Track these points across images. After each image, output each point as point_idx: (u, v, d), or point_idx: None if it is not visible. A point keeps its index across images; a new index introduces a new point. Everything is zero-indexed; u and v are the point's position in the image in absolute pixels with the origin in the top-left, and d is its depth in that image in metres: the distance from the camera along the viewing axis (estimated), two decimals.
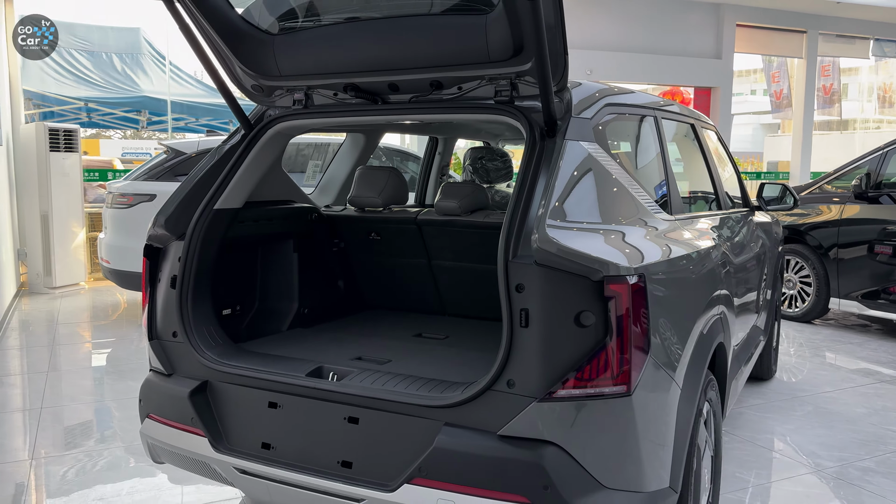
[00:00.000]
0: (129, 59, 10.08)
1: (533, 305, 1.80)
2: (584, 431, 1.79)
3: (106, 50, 10.05)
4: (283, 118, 2.46)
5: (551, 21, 1.86)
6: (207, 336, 2.33)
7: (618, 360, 1.79)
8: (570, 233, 1.82)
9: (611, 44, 10.97)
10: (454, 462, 1.83)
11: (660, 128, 2.67)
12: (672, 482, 1.99)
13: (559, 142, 1.98)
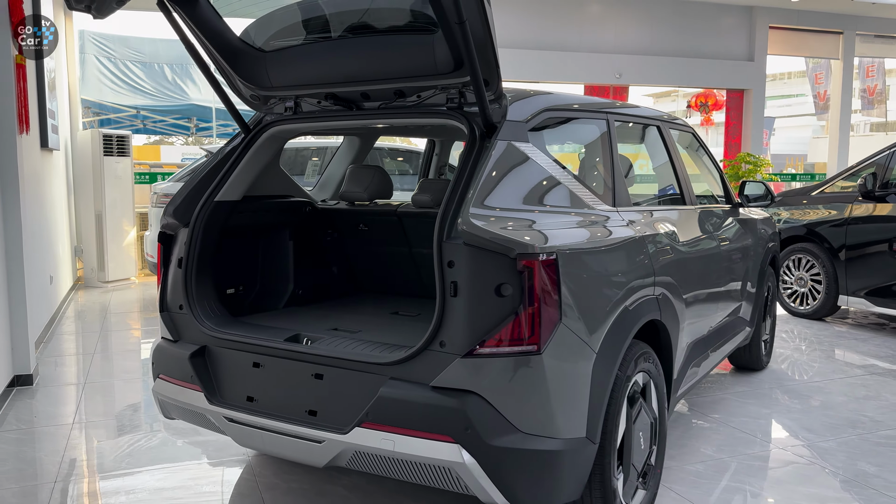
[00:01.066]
0: (178, 69, 10.76)
1: (461, 278, 2.15)
2: (500, 383, 2.13)
3: (158, 61, 10.75)
4: (276, 123, 2.87)
5: (482, 40, 2.20)
6: (208, 309, 2.74)
7: (529, 324, 2.12)
8: (493, 218, 2.17)
9: (640, 48, 11.16)
10: (394, 408, 2.19)
11: (610, 129, 2.98)
12: (589, 434, 2.31)
13: (492, 142, 2.32)
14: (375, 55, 2.55)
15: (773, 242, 4.87)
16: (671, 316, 2.95)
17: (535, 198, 2.37)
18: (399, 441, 2.17)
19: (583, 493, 2.43)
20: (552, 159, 2.54)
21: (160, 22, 11.59)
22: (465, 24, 2.10)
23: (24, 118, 4.51)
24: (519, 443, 2.15)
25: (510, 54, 10.45)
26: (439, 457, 2.13)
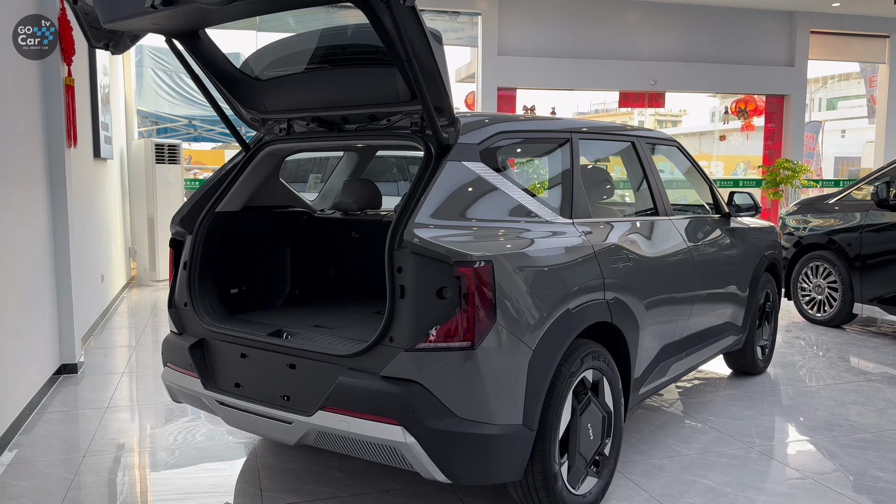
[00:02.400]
0: None
1: (408, 282, 2.47)
2: (439, 374, 2.44)
3: None
4: (272, 142, 3.25)
5: (431, 74, 2.51)
6: (208, 306, 3.13)
7: (465, 323, 2.42)
8: (438, 230, 2.48)
9: (675, 54, 11.24)
10: (349, 395, 2.52)
11: (573, 148, 3.25)
12: (526, 421, 2.59)
13: (443, 162, 2.63)
14: (350, 85, 2.89)
15: (771, 250, 5.01)
16: (627, 319, 3.19)
17: (481, 211, 2.67)
18: (353, 423, 2.50)
19: (525, 475, 2.72)
20: (504, 177, 2.83)
21: (226, 37, 12.26)
22: (412, 62, 2.42)
23: (72, 133, 5.03)
24: (456, 427, 2.45)
25: (545, 63, 10.68)
26: (386, 437, 2.45)
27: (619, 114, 13.61)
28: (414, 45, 2.41)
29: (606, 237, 3.17)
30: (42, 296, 4.62)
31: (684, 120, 25.74)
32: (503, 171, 2.91)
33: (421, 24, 2.34)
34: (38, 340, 4.50)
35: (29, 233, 4.37)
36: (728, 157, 14.68)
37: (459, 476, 2.53)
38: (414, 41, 2.40)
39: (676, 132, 33.35)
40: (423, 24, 2.35)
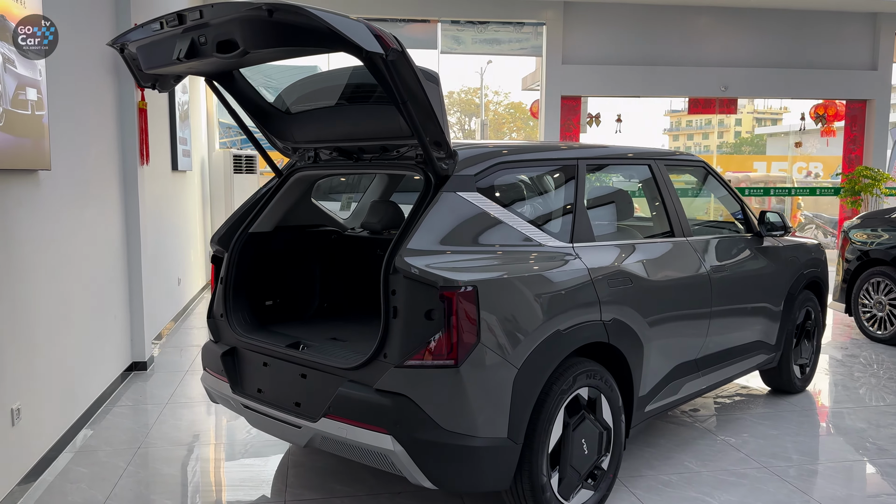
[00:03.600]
0: None
1: (400, 304, 2.71)
2: (426, 389, 2.67)
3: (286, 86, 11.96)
4: (301, 169, 3.56)
5: (426, 113, 2.73)
6: (241, 318, 3.47)
7: (449, 343, 2.64)
8: (428, 256, 2.71)
9: (748, 59, 11.00)
10: (348, 404, 2.78)
11: (578, 173, 3.40)
12: (511, 435, 2.78)
13: (438, 193, 2.86)
14: (364, 120, 3.16)
15: (811, 268, 4.97)
16: (628, 339, 3.32)
17: (474, 238, 2.87)
18: (350, 430, 2.76)
19: (514, 484, 2.91)
20: (501, 205, 3.03)
21: None
22: (406, 104, 2.66)
23: (144, 152, 5.54)
24: (441, 438, 2.67)
25: (610, 70, 10.69)
26: (377, 444, 2.70)
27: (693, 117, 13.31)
28: (408, 89, 2.64)
29: (607, 260, 3.31)
30: (115, 300, 5.12)
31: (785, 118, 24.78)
32: (502, 199, 3.11)
33: (413, 70, 2.57)
34: (110, 341, 5.00)
35: (103, 245, 4.87)
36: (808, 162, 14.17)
37: (445, 483, 2.76)
38: (408, 85, 2.63)
39: (773, 131, 31.94)
40: (416, 70, 2.58)
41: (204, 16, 2.55)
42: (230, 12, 2.49)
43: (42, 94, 3.64)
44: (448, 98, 37.34)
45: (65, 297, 4.09)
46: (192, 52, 2.69)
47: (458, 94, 37.14)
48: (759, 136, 35.40)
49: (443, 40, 10.41)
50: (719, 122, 58.77)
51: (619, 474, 3.67)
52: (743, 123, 51.67)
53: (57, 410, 3.93)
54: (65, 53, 4.09)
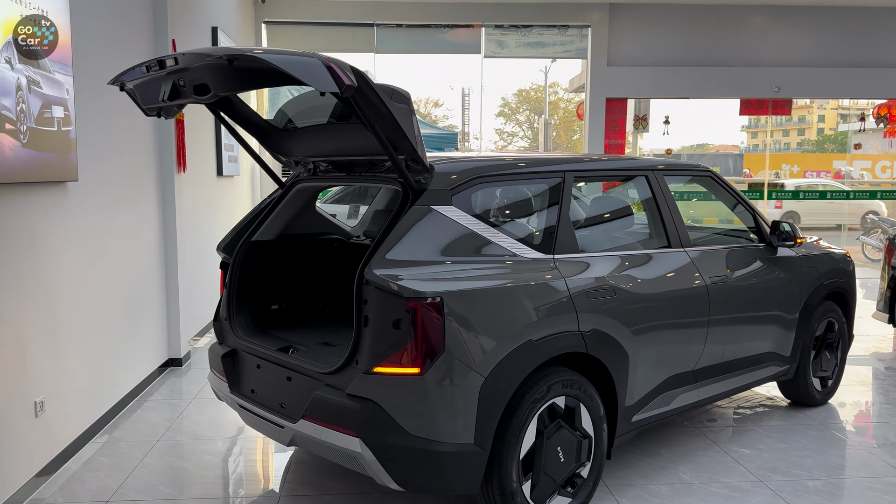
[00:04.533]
0: None
1: (370, 313, 2.85)
2: (391, 395, 2.80)
3: None
4: (301, 181, 3.74)
5: (397, 134, 2.85)
6: (243, 322, 3.67)
7: (414, 352, 2.76)
8: (398, 268, 2.83)
9: (803, 59, 10.65)
10: (322, 407, 2.94)
11: (564, 185, 3.46)
12: (478, 441, 2.88)
13: (411, 207, 2.98)
14: (351, 137, 3.31)
15: (834, 279, 4.86)
16: (611, 350, 3.36)
17: (447, 250, 2.98)
18: (324, 432, 2.92)
19: (485, 489, 3.01)
20: (478, 218, 3.13)
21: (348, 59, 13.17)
22: (374, 126, 2.79)
23: (181, 160, 5.86)
24: (407, 442, 2.80)
25: (657, 72, 10.55)
26: (347, 446, 2.85)
27: None
28: (374, 113, 2.77)
29: (590, 272, 3.36)
30: (151, 300, 5.44)
31: None
32: (480, 212, 3.20)
33: (377, 97, 2.69)
34: (145, 338, 5.32)
35: (138, 249, 5.19)
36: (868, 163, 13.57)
37: (411, 485, 2.88)
38: (373, 110, 2.76)
39: (846, 128, 30.65)
40: (380, 96, 2.70)
41: (178, 62, 2.75)
42: (198, 60, 2.69)
43: (69, 111, 3.94)
44: (517, 96, 37.42)
45: (95, 298, 4.40)
46: (175, 94, 2.91)
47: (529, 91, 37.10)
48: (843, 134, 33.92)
49: (486, 45, 10.49)
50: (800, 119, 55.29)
51: (609, 482, 3.72)
52: (826, 119, 49.18)
53: (84, 404, 4.24)
54: (101, 69, 4.40)
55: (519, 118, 39.21)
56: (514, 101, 37.56)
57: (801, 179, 12.91)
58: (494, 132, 37.05)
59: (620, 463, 3.96)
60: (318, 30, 10.55)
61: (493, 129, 36.83)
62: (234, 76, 2.73)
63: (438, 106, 34.63)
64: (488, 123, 36.84)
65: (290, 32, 10.49)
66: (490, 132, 36.52)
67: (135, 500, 3.55)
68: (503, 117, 37.88)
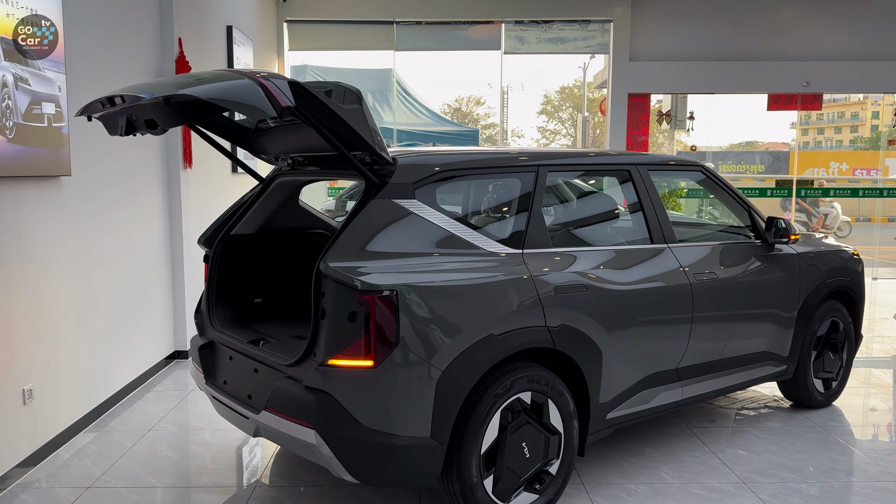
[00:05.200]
0: (379, 96, 12.26)
1: (328, 305, 2.86)
2: (345, 388, 2.80)
3: (364, 89, 12.33)
4: (281, 175, 3.77)
5: (352, 133, 2.84)
6: (222, 314, 3.72)
7: (367, 345, 2.76)
8: (355, 260, 2.84)
9: (834, 53, 10.34)
10: (282, 398, 2.96)
11: (538, 179, 3.42)
12: (435, 435, 2.86)
13: (372, 200, 2.98)
14: (316, 134, 3.31)
15: (837, 277, 4.71)
16: (581, 346, 3.31)
17: (408, 243, 2.97)
18: (283, 423, 2.94)
19: (445, 483, 3.00)
20: (442, 212, 3.11)
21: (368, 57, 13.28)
22: (323, 131, 2.81)
23: (188, 157, 5.97)
24: (361, 435, 2.80)
25: (681, 67, 10.36)
26: (303, 438, 2.86)
27: None
28: (322, 119, 2.78)
29: (560, 267, 3.31)
30: (155, 294, 5.56)
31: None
32: (445, 206, 3.19)
33: (323, 105, 2.69)
34: (148, 331, 5.43)
35: (142, 244, 5.30)
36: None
37: (366, 478, 2.89)
38: (320, 117, 2.77)
39: None
40: (326, 103, 2.70)
41: (125, 101, 2.79)
42: (137, 101, 2.71)
43: (61, 107, 4.04)
44: (560, 93, 37.07)
45: (91, 290, 4.51)
46: (130, 129, 2.95)
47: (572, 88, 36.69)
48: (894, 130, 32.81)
49: (506, 41, 10.43)
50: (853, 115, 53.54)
51: (587, 480, 3.67)
52: (881, 116, 47.63)
53: (77, 393, 4.35)
54: (99, 67, 4.51)
55: (562, 116, 38.85)
56: (556, 99, 37.20)
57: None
58: (537, 130, 36.71)
59: (602, 461, 3.91)
60: (338, 28, 10.64)
61: (535, 128, 36.42)
62: (175, 113, 2.76)
63: (481, 104, 34.41)
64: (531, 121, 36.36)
65: (311, 31, 10.60)
66: (532, 131, 36.14)
67: (115, 487, 3.63)
68: (546, 115, 37.52)
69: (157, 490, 3.60)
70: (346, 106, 2.78)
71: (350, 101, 2.81)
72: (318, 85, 3.03)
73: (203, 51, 6.81)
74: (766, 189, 10.97)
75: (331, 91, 2.90)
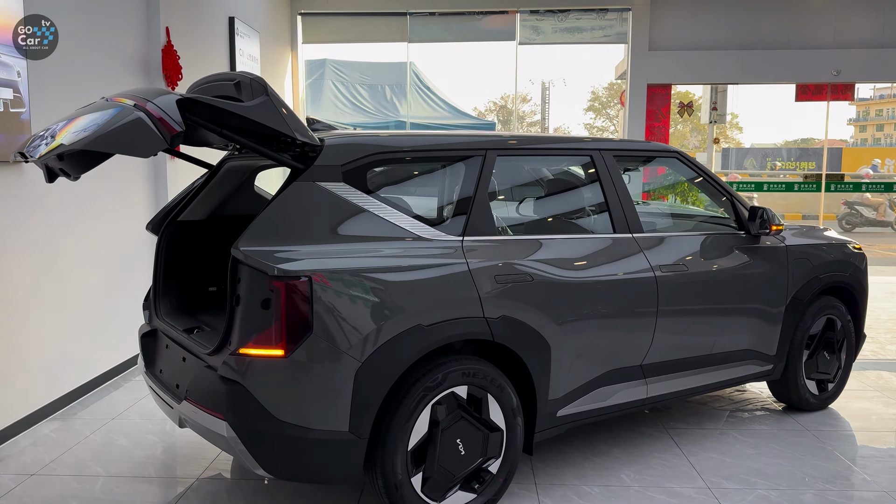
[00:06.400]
0: (397, 89, 12.16)
1: (242, 292, 2.75)
2: (257, 378, 2.68)
3: (381, 83, 12.27)
4: (229, 160, 3.67)
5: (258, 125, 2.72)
6: (169, 302, 3.65)
7: (278, 334, 2.64)
8: (270, 245, 2.71)
9: (866, 40, 9.85)
10: (198, 388, 2.86)
11: (484, 164, 3.24)
12: (353, 429, 2.73)
13: (293, 183, 2.85)
14: None
15: (834, 272, 4.42)
16: (526, 339, 3.13)
17: (330, 228, 2.83)
18: (199, 413, 2.84)
19: (371, 479, 2.87)
20: (374, 196, 2.97)
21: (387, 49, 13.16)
22: (222, 132, 2.72)
23: None
24: (274, 428, 2.68)
25: (703, 56, 10.00)
26: (217, 430, 2.76)
27: None
28: (229, 120, 2.69)
29: (504, 255, 3.14)
30: (135, 285, 5.53)
31: None
32: (377, 190, 3.05)
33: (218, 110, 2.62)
34: (127, 321, 5.40)
35: (122, 235, 5.29)
36: None
37: (280, 473, 2.77)
38: (220, 120, 2.68)
39: None
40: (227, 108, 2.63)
41: (26, 158, 2.73)
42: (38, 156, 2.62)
43: (21, 93, 4.02)
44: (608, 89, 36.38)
45: (61, 280, 4.49)
46: (52, 176, 2.88)
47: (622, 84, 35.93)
48: None
49: (521, 31, 10.21)
50: None
51: (540, 481, 3.49)
52: None
53: (42, 380, 4.33)
54: (70, 54, 4.49)
55: (610, 112, 38.14)
56: (604, 95, 36.47)
57: None
58: (584, 127, 35.98)
59: (561, 461, 3.72)
60: (352, 20, 10.57)
61: (581, 125, 35.66)
62: (74, 163, 2.67)
63: (527, 101, 33.82)
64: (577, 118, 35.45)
65: (325, 23, 10.55)
66: (579, 128, 35.43)
67: (59, 475, 3.59)
68: (593, 112, 36.83)
69: (99, 479, 3.55)
70: (252, 102, 2.69)
71: (258, 93, 2.71)
72: (224, 77, 2.94)
73: (200, 42, 6.80)
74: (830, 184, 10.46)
75: (239, 83, 2.80)
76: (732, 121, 31.85)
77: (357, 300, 2.75)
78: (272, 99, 2.70)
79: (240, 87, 2.84)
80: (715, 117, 11.15)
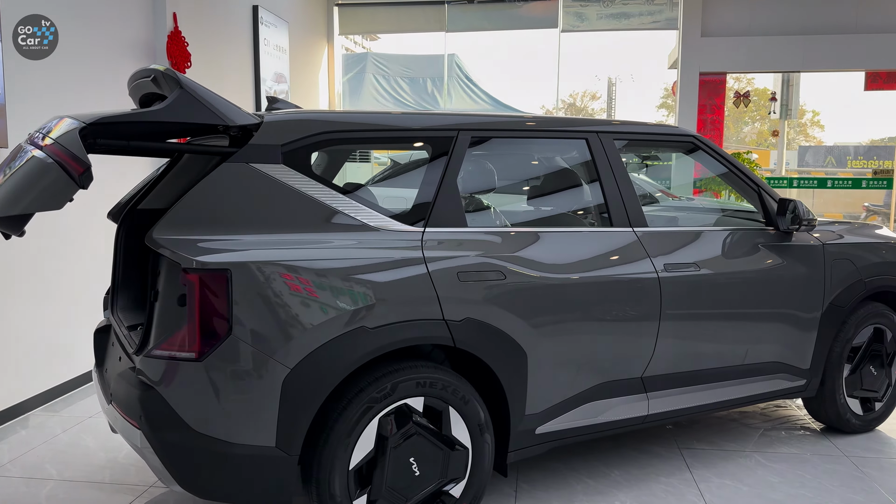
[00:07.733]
0: (437, 81, 11.82)
1: (161, 287, 2.45)
2: (170, 383, 2.37)
3: (422, 75, 11.95)
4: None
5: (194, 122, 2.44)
6: (125, 296, 3.40)
7: (192, 333, 2.33)
8: (188, 233, 2.40)
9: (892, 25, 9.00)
10: (119, 391, 2.58)
11: (455, 147, 2.86)
12: (281, 444, 2.39)
13: (220, 164, 2.53)
14: None
15: (882, 275, 3.87)
16: (496, 345, 2.74)
17: (262, 215, 2.50)
18: (118, 419, 2.56)
19: (308, 498, 2.53)
20: (318, 180, 2.62)
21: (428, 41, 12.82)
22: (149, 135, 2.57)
23: None
24: (190, 440, 2.36)
25: (760, 43, 9.29)
26: (131, 439, 2.47)
27: None
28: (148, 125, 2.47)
29: (469, 249, 2.75)
30: None
31: None
32: (324, 173, 2.71)
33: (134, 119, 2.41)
34: None
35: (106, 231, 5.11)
36: None
37: (200, 491, 2.45)
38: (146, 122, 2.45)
39: None
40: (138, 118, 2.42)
41: None
42: None
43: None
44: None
45: (40, 276, 4.33)
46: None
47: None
48: None
49: (564, 18, 9.71)
50: None
51: (528, 500, 3.09)
52: None
53: (14, 379, 4.16)
54: (71, 38, 4.31)
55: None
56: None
57: None
58: None
59: (553, 483, 3.31)
60: (388, 10, 10.30)
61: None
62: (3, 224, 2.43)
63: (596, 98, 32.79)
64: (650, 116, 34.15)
65: (360, 14, 10.31)
66: None
67: (10, 476, 3.40)
68: (665, 109, 35.64)
69: (49, 483, 3.33)
70: (165, 102, 2.40)
71: (171, 86, 2.43)
72: (143, 74, 2.68)
73: (219, 30, 6.63)
74: None
75: (156, 79, 2.52)
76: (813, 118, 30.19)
77: (286, 297, 2.41)
78: (187, 90, 2.40)
79: (157, 82, 2.55)
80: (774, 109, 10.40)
